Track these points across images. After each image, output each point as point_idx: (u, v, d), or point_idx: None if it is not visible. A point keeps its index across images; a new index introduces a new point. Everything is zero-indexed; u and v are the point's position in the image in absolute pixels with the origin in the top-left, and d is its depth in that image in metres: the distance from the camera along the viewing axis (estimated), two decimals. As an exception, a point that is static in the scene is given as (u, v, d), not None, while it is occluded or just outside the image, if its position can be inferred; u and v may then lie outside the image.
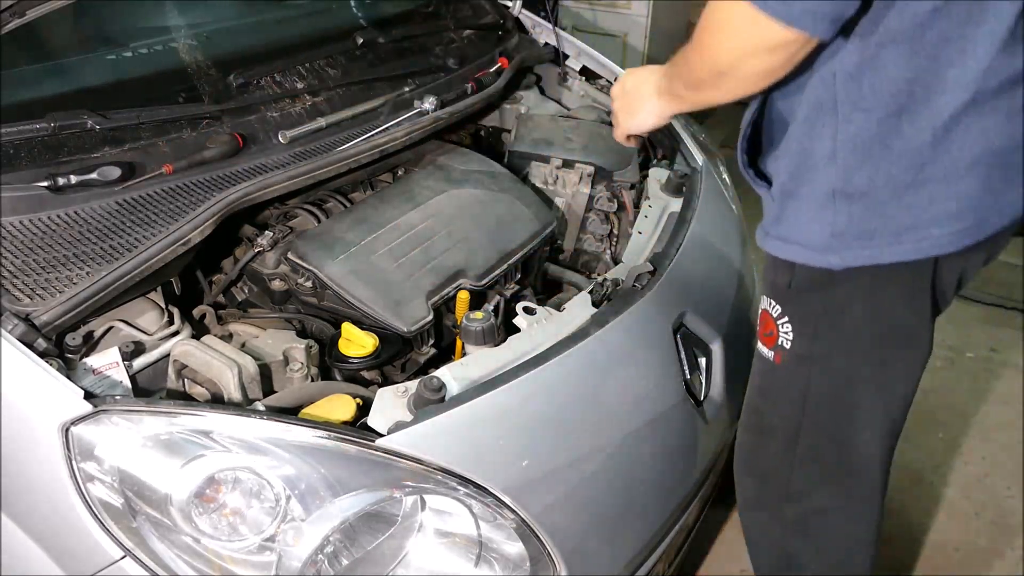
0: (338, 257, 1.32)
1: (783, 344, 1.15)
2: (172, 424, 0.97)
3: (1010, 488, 2.12)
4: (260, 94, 1.46)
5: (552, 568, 1.07)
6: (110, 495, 0.95)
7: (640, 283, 1.35)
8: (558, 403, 1.15)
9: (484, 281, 1.38)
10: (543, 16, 2.06)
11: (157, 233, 1.16)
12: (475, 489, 1.03)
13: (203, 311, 1.37)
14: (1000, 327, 2.75)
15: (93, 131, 1.24)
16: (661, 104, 1.18)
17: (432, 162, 1.63)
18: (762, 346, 1.21)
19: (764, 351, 1.20)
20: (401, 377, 1.33)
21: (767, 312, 1.18)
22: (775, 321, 1.16)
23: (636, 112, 1.23)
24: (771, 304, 1.16)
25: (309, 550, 0.96)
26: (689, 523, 1.45)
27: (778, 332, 1.16)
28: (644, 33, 3.80)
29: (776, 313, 1.15)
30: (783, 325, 1.14)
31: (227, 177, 1.31)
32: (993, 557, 1.93)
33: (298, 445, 0.99)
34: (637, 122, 1.24)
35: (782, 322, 1.15)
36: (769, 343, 1.18)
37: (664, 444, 1.30)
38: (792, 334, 1.14)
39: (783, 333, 1.15)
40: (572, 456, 1.14)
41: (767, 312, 1.18)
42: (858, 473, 1.22)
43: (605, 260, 1.69)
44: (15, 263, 1.09)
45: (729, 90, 1.00)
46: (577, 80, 2.00)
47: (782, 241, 1.09)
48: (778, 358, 1.17)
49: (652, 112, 1.21)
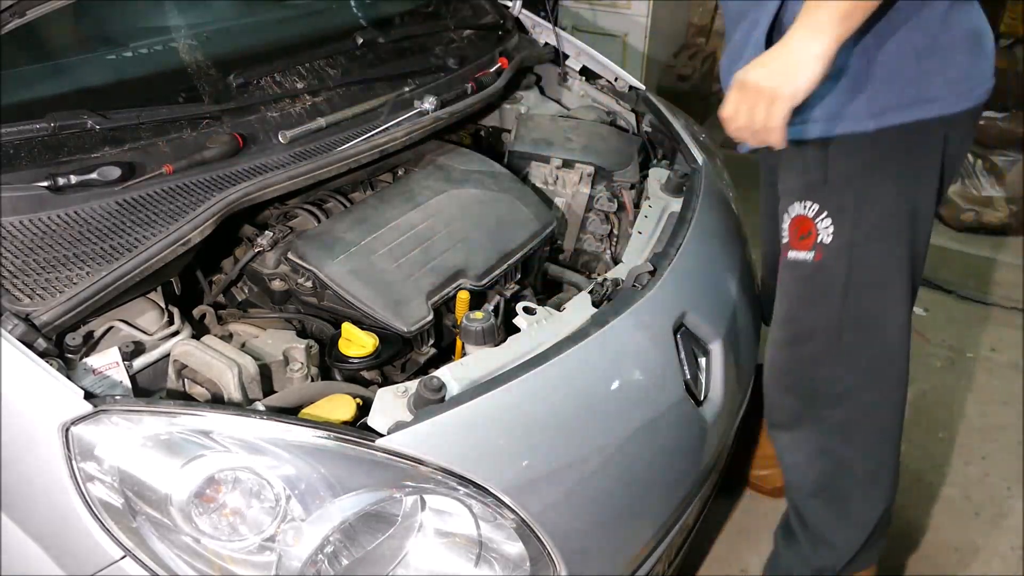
0: (338, 257, 1.32)
1: (823, 240, 1.27)
2: (172, 424, 0.97)
3: (1010, 488, 2.12)
4: (260, 94, 1.46)
5: (552, 568, 1.07)
6: (110, 495, 0.95)
7: (640, 283, 1.35)
8: (558, 403, 1.15)
9: (484, 281, 1.38)
10: (543, 16, 2.05)
11: (157, 233, 1.16)
12: (475, 489, 1.03)
13: (203, 311, 1.37)
14: (1000, 327, 2.75)
15: (93, 131, 1.24)
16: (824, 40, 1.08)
17: (432, 162, 1.63)
18: (797, 253, 1.31)
19: (800, 256, 1.30)
20: (401, 377, 1.33)
21: (801, 216, 1.28)
22: (812, 221, 1.27)
23: (797, 70, 1.11)
24: (806, 205, 1.27)
25: (309, 550, 0.96)
26: (689, 523, 1.45)
27: (817, 230, 1.27)
28: (644, 33, 3.80)
29: (813, 212, 1.27)
30: (822, 221, 1.26)
31: (227, 177, 1.31)
32: (993, 557, 1.93)
33: (298, 445, 0.99)
34: (804, 77, 1.10)
35: (820, 218, 1.26)
36: (806, 245, 1.27)
37: (664, 444, 1.30)
38: (832, 227, 1.25)
39: (822, 229, 1.26)
40: (572, 456, 1.14)
41: (801, 216, 1.28)
42: (892, 358, 1.35)
43: (605, 260, 1.69)
44: (15, 263, 1.09)
45: None
46: (577, 80, 2.00)
47: (811, 123, 1.22)
48: (819, 255, 1.28)
49: (818, 57, 1.09)
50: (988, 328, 2.74)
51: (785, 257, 1.36)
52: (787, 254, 1.35)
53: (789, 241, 1.34)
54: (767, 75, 1.13)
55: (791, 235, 1.33)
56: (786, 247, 1.35)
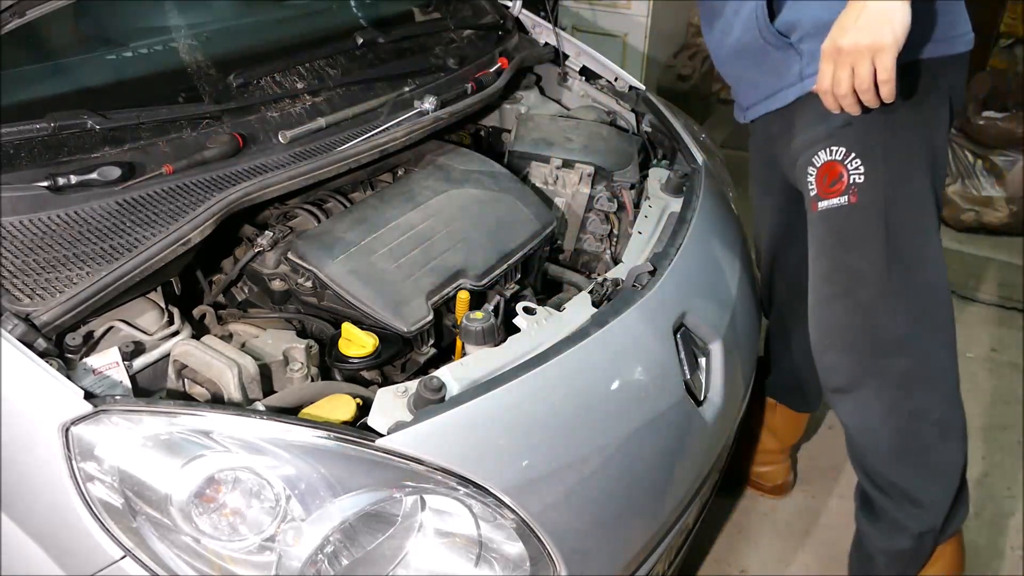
0: (338, 257, 1.32)
1: (855, 181, 1.29)
2: (172, 424, 0.97)
3: (1010, 488, 2.12)
4: (260, 94, 1.46)
5: (552, 568, 1.07)
6: (110, 495, 0.95)
7: (640, 283, 1.35)
8: (558, 403, 1.15)
9: (484, 281, 1.38)
10: (543, 16, 2.05)
11: (157, 233, 1.16)
12: (475, 489, 1.03)
13: (203, 311, 1.37)
14: (1000, 327, 2.75)
15: (93, 131, 1.24)
16: None
17: (432, 162, 1.63)
18: (830, 201, 1.33)
19: (834, 203, 1.32)
20: (401, 377, 1.33)
21: (830, 162, 1.31)
22: (841, 164, 1.30)
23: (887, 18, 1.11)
24: (832, 151, 1.31)
25: (309, 550, 0.96)
26: (689, 523, 1.45)
27: (847, 172, 1.30)
28: (644, 33, 3.79)
29: (841, 155, 1.30)
30: (851, 163, 1.29)
31: (227, 177, 1.31)
32: (993, 557, 1.93)
33: (298, 445, 0.99)
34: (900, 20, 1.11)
35: (849, 159, 1.29)
36: (838, 190, 1.30)
37: (664, 444, 1.30)
38: (863, 166, 1.29)
39: (853, 171, 1.29)
40: (572, 456, 1.14)
41: (830, 162, 1.31)
42: (938, 296, 1.37)
43: (605, 260, 1.69)
44: (15, 263, 1.09)
45: None
46: (577, 80, 2.00)
47: None
48: (854, 197, 1.30)
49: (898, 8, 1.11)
50: (988, 328, 2.74)
51: (816, 210, 1.36)
52: (817, 206, 1.36)
53: (818, 192, 1.35)
54: (862, 32, 1.13)
55: (819, 185, 1.34)
56: (815, 199, 1.36)
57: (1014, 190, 3.16)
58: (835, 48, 1.17)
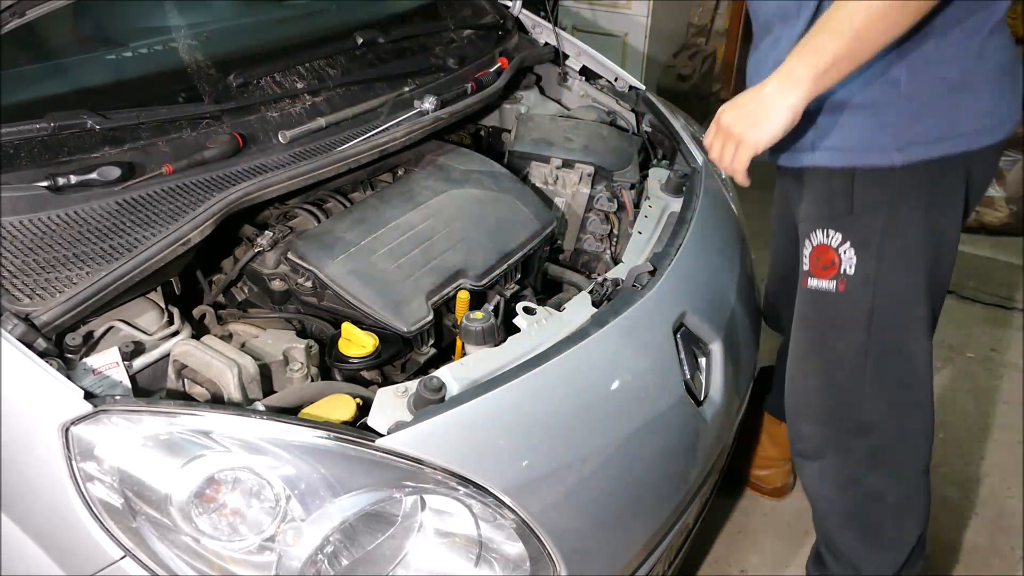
0: (338, 257, 1.32)
1: (846, 271, 1.25)
2: (172, 424, 0.97)
3: (1010, 488, 2.12)
4: (260, 94, 1.46)
5: (552, 568, 1.07)
6: (110, 495, 0.95)
7: (640, 283, 1.35)
8: (558, 403, 1.15)
9: (484, 281, 1.38)
10: (543, 16, 2.05)
11: (157, 233, 1.16)
12: (475, 489, 1.03)
13: (203, 311, 1.37)
14: (1000, 327, 2.75)
15: (93, 131, 1.24)
16: (798, 93, 1.11)
17: (432, 162, 1.63)
18: (819, 281, 1.29)
19: (823, 285, 1.28)
20: (401, 377, 1.33)
21: (824, 245, 1.27)
22: (835, 250, 1.26)
23: (765, 118, 1.14)
24: (829, 234, 1.26)
25: (309, 550, 0.96)
26: (689, 523, 1.45)
27: (840, 260, 1.26)
28: (644, 33, 3.80)
29: (836, 242, 1.25)
30: (845, 252, 1.25)
31: (227, 177, 1.31)
32: (993, 557, 1.93)
33: (298, 445, 0.99)
34: (770, 126, 1.14)
35: (844, 248, 1.25)
36: (829, 274, 1.26)
37: (664, 444, 1.30)
38: (856, 258, 1.24)
39: (846, 260, 1.25)
40: (572, 456, 1.14)
41: (824, 245, 1.27)
42: (917, 385, 1.34)
43: (605, 260, 1.69)
44: (15, 263, 1.09)
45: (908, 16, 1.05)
46: (577, 80, 2.00)
47: (836, 151, 1.21)
48: (842, 286, 1.26)
49: (788, 108, 1.12)
50: (988, 328, 2.74)
51: (805, 286, 1.34)
52: (807, 282, 1.33)
53: (810, 269, 1.32)
54: (737, 119, 1.18)
55: (812, 263, 1.31)
56: (806, 275, 1.33)
57: (1014, 190, 3.16)
58: (716, 118, 1.22)
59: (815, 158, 1.23)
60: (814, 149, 1.22)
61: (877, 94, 1.18)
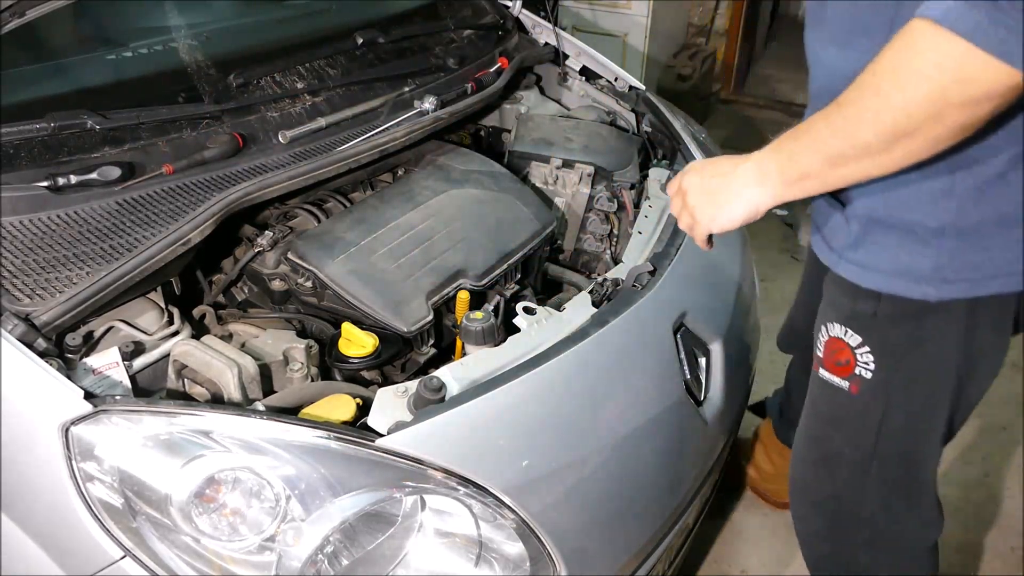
0: (338, 257, 1.32)
1: (861, 374, 1.13)
2: (172, 424, 0.97)
3: (1010, 488, 2.12)
4: (260, 94, 1.46)
5: (552, 568, 1.07)
6: (110, 495, 0.95)
7: (640, 283, 1.35)
8: (558, 403, 1.15)
9: (484, 281, 1.38)
10: (543, 16, 2.05)
11: (157, 233, 1.16)
12: (475, 489, 1.03)
13: (203, 311, 1.37)
14: (1000, 327, 2.74)
15: (93, 131, 1.24)
16: (764, 192, 0.99)
17: (432, 162, 1.63)
18: (831, 375, 1.17)
19: (835, 380, 1.16)
20: (401, 377, 1.33)
21: (840, 340, 1.13)
22: (852, 350, 1.12)
23: (724, 204, 1.03)
24: (847, 332, 1.12)
25: (309, 550, 0.96)
26: (689, 523, 1.45)
27: (856, 362, 1.13)
28: (644, 33, 3.80)
29: (855, 343, 1.12)
30: (863, 355, 1.12)
31: (227, 177, 1.31)
32: (993, 557, 1.93)
33: (298, 445, 0.99)
34: (727, 215, 1.03)
35: (862, 352, 1.12)
36: (843, 372, 1.15)
37: (664, 444, 1.30)
38: (873, 364, 1.11)
39: (862, 363, 1.12)
40: (572, 456, 1.14)
41: (840, 340, 1.13)
42: (922, 487, 1.24)
43: (605, 260, 1.69)
44: (15, 263, 1.09)
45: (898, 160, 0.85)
46: (577, 80, 2.00)
47: (863, 268, 1.07)
48: (855, 388, 1.15)
49: (749, 203, 1.00)
50: (988, 328, 2.74)
51: (817, 372, 1.22)
52: (819, 370, 1.21)
53: (823, 359, 1.20)
54: (699, 191, 1.05)
55: (825, 354, 1.19)
56: (819, 361, 1.21)
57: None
58: (682, 175, 1.10)
59: (840, 267, 1.09)
60: (840, 257, 1.08)
61: (919, 213, 1.01)
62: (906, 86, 0.79)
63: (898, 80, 0.79)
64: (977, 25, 0.72)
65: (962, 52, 0.74)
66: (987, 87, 0.75)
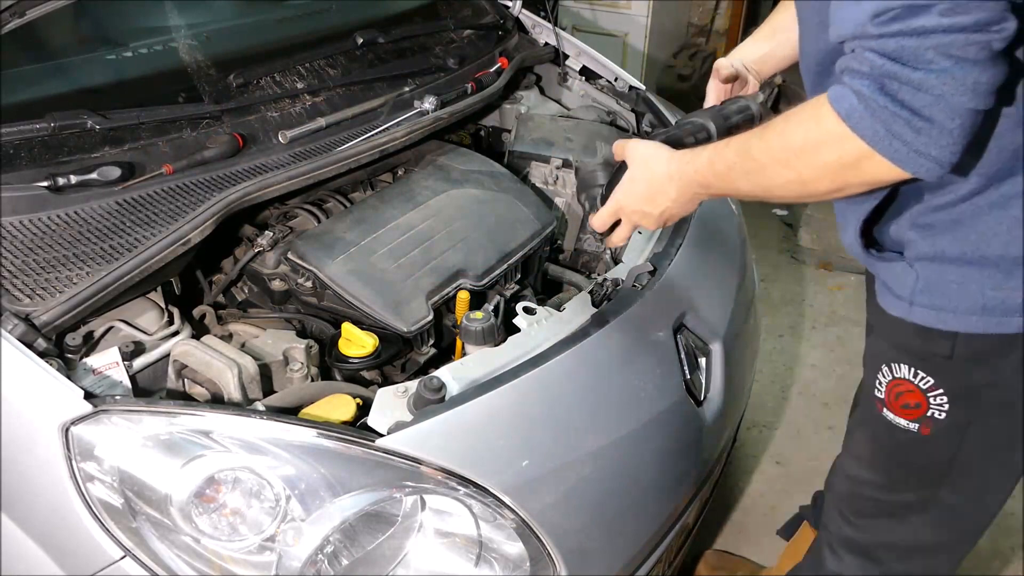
0: (338, 257, 1.32)
1: (934, 415, 1.08)
2: (172, 424, 0.97)
3: (1010, 488, 2.11)
4: (260, 94, 1.46)
5: (552, 568, 1.07)
6: (110, 495, 0.95)
7: (640, 283, 1.35)
8: (558, 403, 1.15)
9: (484, 281, 1.38)
10: (543, 16, 2.05)
11: (157, 233, 1.16)
12: (475, 489, 1.03)
13: (203, 311, 1.37)
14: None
15: (93, 131, 1.24)
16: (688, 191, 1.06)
17: (432, 162, 1.63)
18: (897, 418, 1.11)
19: (901, 423, 1.11)
20: (401, 377, 1.33)
21: (907, 382, 1.09)
22: (924, 393, 1.07)
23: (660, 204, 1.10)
24: (916, 374, 1.07)
25: (309, 550, 0.96)
26: (689, 523, 1.45)
27: (928, 404, 1.08)
28: (644, 33, 3.80)
29: (927, 385, 1.07)
30: (936, 397, 1.07)
31: (227, 177, 1.31)
32: (993, 557, 1.94)
33: (298, 445, 0.99)
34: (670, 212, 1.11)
35: (935, 394, 1.07)
36: (911, 415, 1.10)
37: (664, 444, 1.30)
38: (948, 405, 1.06)
39: (935, 405, 1.07)
40: (572, 456, 1.14)
41: (907, 382, 1.09)
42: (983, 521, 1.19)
43: (605, 260, 1.69)
44: (15, 263, 1.09)
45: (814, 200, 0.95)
46: (577, 80, 2.00)
47: (939, 311, 1.01)
48: (926, 430, 1.09)
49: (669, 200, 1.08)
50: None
51: (880, 412, 1.14)
52: (882, 410, 1.14)
53: (886, 400, 1.13)
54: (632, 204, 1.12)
55: (889, 397, 1.12)
56: (880, 402, 1.14)
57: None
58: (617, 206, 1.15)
59: (913, 315, 1.03)
60: (911, 303, 1.02)
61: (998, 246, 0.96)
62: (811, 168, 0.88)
63: (805, 162, 0.89)
64: (875, 134, 0.80)
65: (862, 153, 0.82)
66: (883, 180, 0.85)
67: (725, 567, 1.87)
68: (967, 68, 0.75)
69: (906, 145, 0.80)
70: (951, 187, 0.95)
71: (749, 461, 2.22)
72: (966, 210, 0.94)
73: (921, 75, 0.76)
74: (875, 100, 0.79)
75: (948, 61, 0.75)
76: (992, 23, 0.74)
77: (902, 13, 0.76)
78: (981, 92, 0.77)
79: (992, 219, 0.95)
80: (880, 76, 0.79)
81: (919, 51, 0.76)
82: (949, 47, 0.75)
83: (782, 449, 2.26)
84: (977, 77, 0.76)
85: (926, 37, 0.75)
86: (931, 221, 0.98)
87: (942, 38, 0.75)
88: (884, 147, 0.81)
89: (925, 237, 1.00)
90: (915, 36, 0.76)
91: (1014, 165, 0.92)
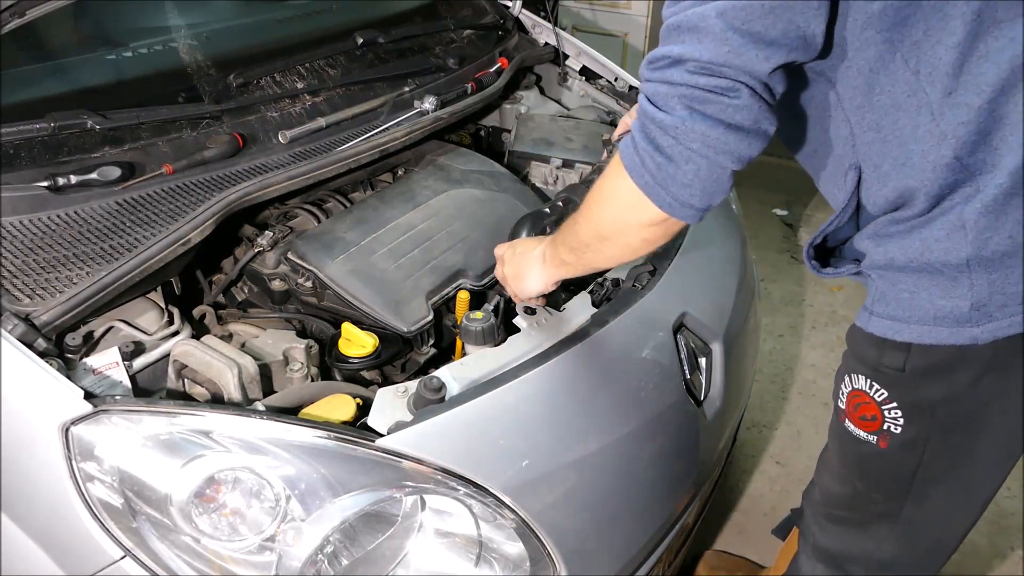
0: (338, 257, 1.32)
1: (890, 429, 1.07)
2: (172, 424, 0.97)
3: (1010, 488, 2.11)
4: (260, 94, 1.46)
5: (552, 568, 1.07)
6: (110, 495, 0.95)
7: (640, 283, 1.35)
8: (558, 403, 1.15)
9: (484, 281, 1.38)
10: (543, 16, 2.06)
11: (157, 233, 1.16)
12: (475, 489, 1.03)
13: (203, 311, 1.37)
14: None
15: (93, 131, 1.24)
16: (545, 272, 1.18)
17: (432, 162, 1.63)
18: (856, 429, 1.11)
19: (860, 434, 1.10)
20: (401, 377, 1.33)
21: (864, 393, 1.08)
22: (879, 406, 1.07)
23: (525, 279, 1.22)
24: (871, 386, 1.06)
25: (309, 550, 0.96)
26: (689, 523, 1.45)
27: (883, 418, 1.07)
28: (644, 33, 3.80)
29: (881, 397, 1.06)
30: (891, 411, 1.06)
31: (227, 177, 1.31)
32: (993, 557, 1.94)
33: (298, 445, 0.99)
34: (527, 287, 1.22)
35: (889, 407, 1.06)
36: (868, 428, 1.09)
37: (664, 444, 1.30)
38: (903, 419, 1.05)
39: (890, 419, 1.06)
40: (572, 456, 1.14)
41: (864, 393, 1.08)
42: (950, 541, 1.19)
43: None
44: (15, 263, 1.09)
45: (611, 256, 1.07)
46: (577, 80, 2.00)
47: (895, 321, 1.00)
48: (883, 443, 1.09)
49: (539, 279, 1.20)
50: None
51: (841, 423, 1.14)
52: (843, 421, 1.14)
53: (846, 411, 1.13)
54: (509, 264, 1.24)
55: (848, 407, 1.12)
56: (842, 413, 1.14)
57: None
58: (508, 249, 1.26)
59: (870, 325, 1.03)
60: (871, 313, 1.02)
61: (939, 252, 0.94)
62: (604, 210, 1.02)
63: (601, 204, 1.03)
64: (646, 184, 0.92)
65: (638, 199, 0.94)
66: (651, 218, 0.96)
67: (725, 567, 1.88)
68: (698, 120, 0.86)
69: (653, 179, 0.91)
70: (908, 206, 0.96)
71: (749, 461, 2.22)
72: (916, 221, 0.95)
73: (664, 116, 0.88)
74: (638, 137, 0.92)
75: (686, 111, 0.86)
76: (728, 91, 0.85)
77: (665, 64, 0.88)
78: (711, 145, 0.87)
79: (935, 225, 0.94)
80: (642, 117, 0.91)
81: (668, 97, 0.88)
82: (689, 99, 0.86)
83: (782, 449, 2.26)
84: (706, 131, 0.86)
85: (675, 87, 0.87)
86: (888, 232, 0.99)
87: (684, 90, 0.86)
88: (638, 179, 0.92)
89: (878, 246, 1.00)
90: (667, 84, 0.88)
91: (956, 179, 0.91)
